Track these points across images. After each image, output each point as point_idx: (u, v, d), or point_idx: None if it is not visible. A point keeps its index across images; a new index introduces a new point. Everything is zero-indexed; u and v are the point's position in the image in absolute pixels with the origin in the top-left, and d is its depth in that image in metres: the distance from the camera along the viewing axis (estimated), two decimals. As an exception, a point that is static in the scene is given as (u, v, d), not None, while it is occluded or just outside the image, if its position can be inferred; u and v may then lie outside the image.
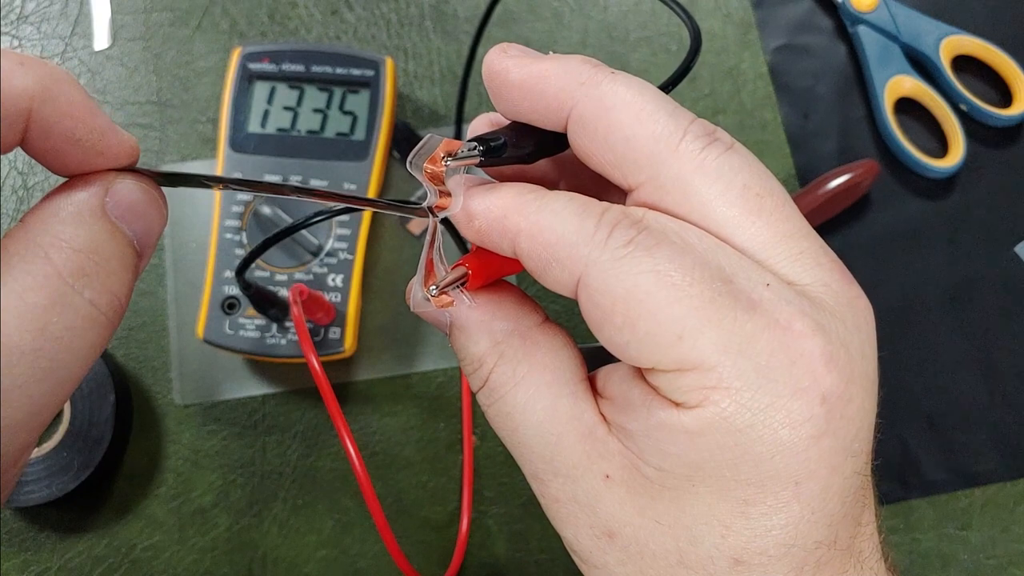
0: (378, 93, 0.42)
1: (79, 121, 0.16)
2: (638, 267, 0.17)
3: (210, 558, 0.40)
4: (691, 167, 0.18)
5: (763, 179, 0.18)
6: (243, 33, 0.47)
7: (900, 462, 0.42)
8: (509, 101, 0.20)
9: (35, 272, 0.15)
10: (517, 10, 0.48)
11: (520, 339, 0.20)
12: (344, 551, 0.40)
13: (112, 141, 0.17)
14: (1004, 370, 0.44)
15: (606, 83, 0.19)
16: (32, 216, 0.16)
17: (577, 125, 0.19)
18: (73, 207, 0.16)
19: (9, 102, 0.15)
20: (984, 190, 0.46)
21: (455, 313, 0.20)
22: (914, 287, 0.45)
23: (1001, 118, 0.46)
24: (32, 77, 0.15)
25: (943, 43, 0.46)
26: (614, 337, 0.17)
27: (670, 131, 0.18)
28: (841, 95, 0.47)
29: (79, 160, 0.16)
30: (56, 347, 0.15)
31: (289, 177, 0.41)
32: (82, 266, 0.16)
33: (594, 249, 0.17)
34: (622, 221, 0.17)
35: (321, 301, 0.39)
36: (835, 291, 0.18)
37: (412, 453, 0.42)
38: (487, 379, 0.20)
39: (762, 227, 0.18)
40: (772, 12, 0.49)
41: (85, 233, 0.16)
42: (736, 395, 0.16)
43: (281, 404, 0.42)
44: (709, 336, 0.16)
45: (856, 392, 0.17)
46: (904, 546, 0.41)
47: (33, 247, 0.16)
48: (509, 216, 0.18)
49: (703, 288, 0.16)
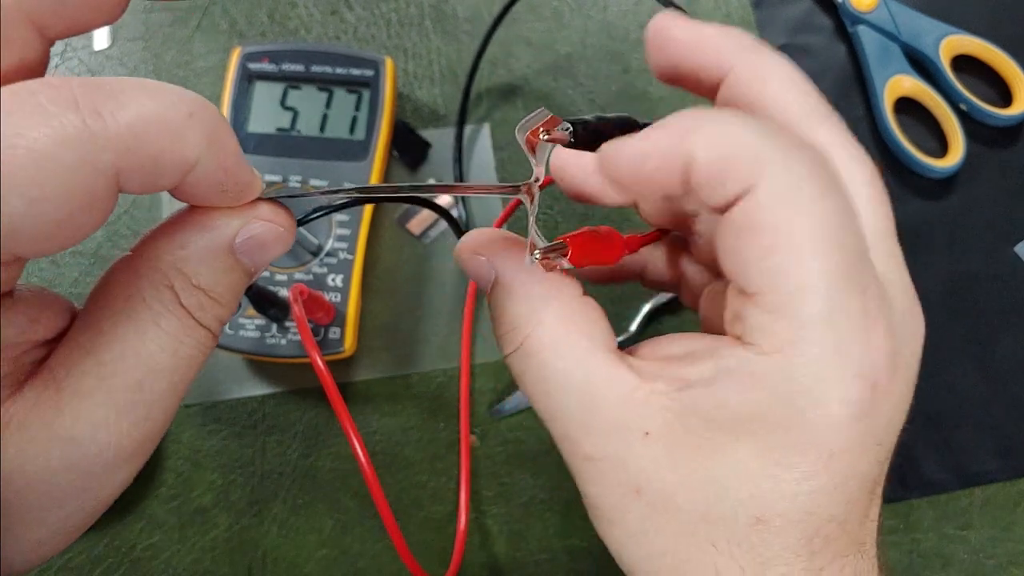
0: (378, 93, 0.42)
1: (230, 175, 0.16)
2: (810, 205, 0.17)
3: (210, 558, 0.40)
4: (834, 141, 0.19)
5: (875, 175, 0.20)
6: (243, 33, 0.47)
7: (900, 462, 0.42)
8: (670, 56, 0.21)
9: (164, 300, 0.17)
10: (518, 9, 0.48)
11: (560, 306, 0.20)
12: (344, 551, 0.41)
13: (255, 188, 0.17)
14: (1004, 370, 0.44)
15: (766, 53, 0.20)
16: (161, 239, 0.17)
17: (731, 87, 0.20)
18: (204, 244, 0.17)
19: (180, 158, 0.15)
20: (984, 190, 0.46)
21: (502, 270, 0.20)
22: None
23: (1001, 118, 0.46)
24: (199, 132, 0.15)
25: (943, 43, 0.46)
26: (744, 251, 0.17)
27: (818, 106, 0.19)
28: (841, 95, 0.47)
29: (221, 202, 0.17)
30: (184, 365, 0.17)
31: (289, 177, 0.41)
32: (202, 302, 0.18)
33: (777, 162, 0.17)
34: (806, 147, 0.18)
35: (321, 301, 0.39)
36: (909, 298, 0.20)
37: (412, 453, 0.42)
38: (522, 342, 0.20)
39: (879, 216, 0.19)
40: (772, 12, 0.49)
41: (207, 271, 0.17)
42: (810, 359, 0.17)
43: (281, 404, 0.42)
44: (819, 300, 0.17)
45: (898, 389, 0.18)
46: (904, 546, 0.41)
47: (160, 276, 0.17)
48: (685, 135, 0.18)
49: (842, 258, 0.17)
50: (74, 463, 0.16)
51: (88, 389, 0.16)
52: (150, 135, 0.14)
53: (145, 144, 0.14)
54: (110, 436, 0.16)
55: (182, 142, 0.15)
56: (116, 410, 0.16)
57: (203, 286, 0.17)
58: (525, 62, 0.47)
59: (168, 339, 0.17)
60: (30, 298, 0.17)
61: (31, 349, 0.17)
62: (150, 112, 0.14)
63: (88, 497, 0.17)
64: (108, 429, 0.16)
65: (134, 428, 0.17)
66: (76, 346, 0.17)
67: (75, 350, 0.16)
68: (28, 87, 0.14)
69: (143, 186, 0.15)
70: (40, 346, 0.17)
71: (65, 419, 0.16)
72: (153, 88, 0.15)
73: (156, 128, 0.14)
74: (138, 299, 0.17)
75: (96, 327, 0.17)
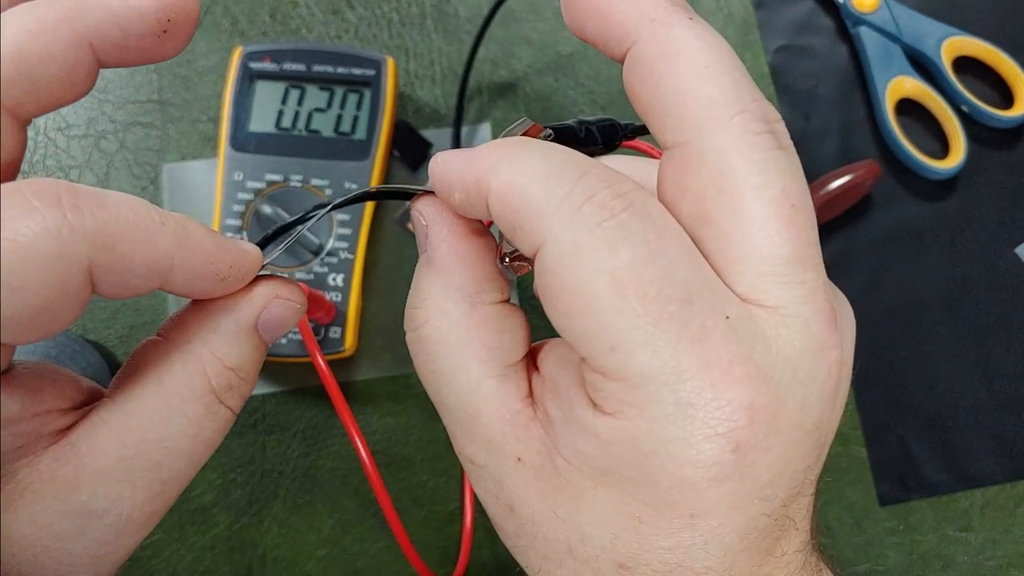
0: (379, 93, 0.42)
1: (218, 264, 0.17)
2: (595, 263, 0.16)
3: (210, 557, 0.40)
4: (737, 147, 0.16)
5: (803, 191, 0.17)
6: (244, 32, 0.47)
7: (900, 462, 0.42)
8: (576, 17, 0.18)
9: (195, 387, 0.18)
10: (518, 9, 0.48)
11: (468, 307, 0.19)
12: (344, 550, 0.41)
13: (249, 264, 0.18)
14: (1004, 371, 0.44)
15: (678, 27, 0.17)
16: (192, 323, 0.18)
17: (634, 62, 0.17)
18: (233, 325, 0.18)
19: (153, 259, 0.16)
20: (985, 191, 0.46)
21: (433, 243, 0.20)
22: (914, 288, 0.45)
23: (1002, 119, 0.46)
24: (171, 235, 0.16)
25: (944, 44, 0.46)
26: (553, 317, 0.17)
27: (728, 100, 0.16)
28: (842, 96, 0.47)
29: (224, 292, 0.18)
30: (203, 447, 0.18)
31: (290, 176, 0.41)
32: (231, 382, 0.18)
33: (558, 222, 0.16)
34: (600, 193, 0.16)
35: (322, 300, 0.39)
36: (811, 333, 0.17)
37: (412, 453, 0.42)
38: (420, 327, 0.20)
39: (782, 239, 0.16)
40: (773, 13, 0.49)
41: (238, 352, 0.18)
42: (650, 420, 0.16)
43: (281, 403, 0.42)
44: (641, 358, 0.15)
45: (778, 443, 0.16)
46: (904, 547, 0.41)
47: (194, 361, 0.18)
48: (481, 177, 0.17)
49: (654, 308, 0.15)
50: (87, 532, 0.17)
51: (109, 469, 0.17)
52: (124, 235, 0.15)
53: (119, 242, 0.15)
54: (123, 509, 0.17)
55: (154, 244, 0.16)
56: (132, 487, 0.17)
57: (234, 367, 0.18)
58: (526, 62, 0.47)
59: (191, 425, 0.18)
60: (29, 373, 0.18)
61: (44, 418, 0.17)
62: (125, 214, 0.15)
63: (102, 563, 0.18)
64: (122, 504, 0.17)
65: (148, 502, 0.18)
66: (102, 424, 0.17)
67: (101, 428, 0.17)
68: (17, 184, 0.15)
69: (117, 285, 0.16)
70: (60, 414, 0.18)
71: (82, 495, 0.17)
72: (130, 199, 0.16)
73: (130, 229, 0.15)
74: (168, 385, 0.18)
75: (123, 408, 0.18)
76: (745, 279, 0.17)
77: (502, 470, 0.19)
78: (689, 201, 0.17)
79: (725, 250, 0.17)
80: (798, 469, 0.17)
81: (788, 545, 0.18)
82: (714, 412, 0.16)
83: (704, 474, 0.16)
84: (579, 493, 0.17)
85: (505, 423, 0.18)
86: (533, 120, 0.19)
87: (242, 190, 0.41)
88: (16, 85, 0.16)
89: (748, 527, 0.17)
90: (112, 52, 0.17)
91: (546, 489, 0.18)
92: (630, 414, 0.16)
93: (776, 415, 0.16)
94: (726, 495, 0.16)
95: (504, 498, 0.19)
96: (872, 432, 0.43)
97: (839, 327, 0.18)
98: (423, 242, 0.20)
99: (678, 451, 0.16)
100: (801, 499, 0.18)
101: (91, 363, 0.39)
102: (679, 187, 0.17)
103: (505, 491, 0.19)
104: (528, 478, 0.18)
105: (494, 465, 0.19)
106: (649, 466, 0.16)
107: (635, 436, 0.16)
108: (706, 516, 0.16)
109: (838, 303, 0.19)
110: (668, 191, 0.18)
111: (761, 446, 0.16)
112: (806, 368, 0.17)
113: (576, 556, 0.18)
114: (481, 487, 0.20)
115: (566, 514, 0.18)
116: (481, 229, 0.20)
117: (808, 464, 0.17)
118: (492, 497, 0.19)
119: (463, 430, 0.19)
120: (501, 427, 0.18)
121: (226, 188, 0.41)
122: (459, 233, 0.19)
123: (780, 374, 0.16)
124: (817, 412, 0.17)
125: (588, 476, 0.17)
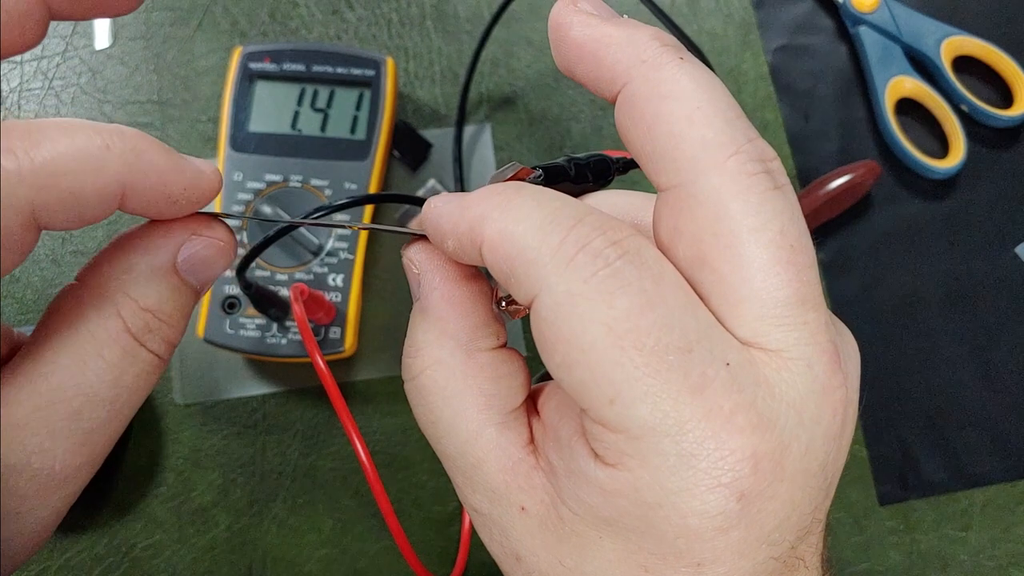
0: (379, 93, 0.42)
1: (170, 184, 0.17)
2: (591, 314, 0.15)
3: (210, 557, 0.40)
4: (733, 189, 0.16)
5: (801, 232, 0.17)
6: (244, 32, 0.47)
7: (900, 462, 0.42)
8: (565, 59, 0.18)
9: (110, 328, 0.17)
10: (519, 10, 0.48)
11: (464, 356, 0.19)
12: (344, 550, 0.41)
13: (204, 186, 0.18)
14: (1004, 370, 0.44)
15: (668, 67, 0.17)
16: (105, 265, 0.18)
17: (626, 104, 0.17)
18: (146, 265, 0.18)
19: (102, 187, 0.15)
20: (985, 191, 0.46)
21: (426, 290, 0.19)
22: (914, 287, 0.45)
23: (1002, 119, 0.46)
24: (119, 160, 0.16)
25: (944, 44, 0.46)
26: (551, 368, 0.16)
27: (722, 141, 0.16)
28: (842, 96, 0.47)
29: (177, 214, 0.18)
30: (126, 394, 0.17)
31: (290, 176, 0.41)
32: (148, 323, 0.18)
33: (552, 272, 0.16)
34: (594, 241, 0.16)
35: (322, 301, 0.39)
36: (814, 375, 0.16)
37: (412, 453, 0.42)
38: (417, 376, 0.20)
39: (782, 281, 0.16)
40: (773, 13, 0.49)
41: (154, 292, 0.18)
42: (653, 471, 0.16)
43: (281, 404, 0.42)
44: (641, 410, 0.15)
45: (783, 489, 0.16)
46: (904, 547, 0.41)
47: (108, 303, 0.17)
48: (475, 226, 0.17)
49: (652, 359, 0.15)
50: (7, 488, 0.16)
51: (23, 419, 0.16)
52: (66, 170, 0.15)
53: (62, 179, 0.15)
54: (43, 462, 0.17)
55: (101, 173, 0.15)
56: (51, 438, 0.17)
57: (151, 308, 0.18)
58: (526, 62, 0.47)
59: (110, 369, 0.17)
60: None
61: None
62: (64, 148, 0.15)
63: (24, 520, 0.17)
64: (42, 456, 0.17)
65: (69, 454, 0.17)
66: (18, 374, 0.17)
67: (17, 378, 0.17)
68: None
69: (67, 220, 0.15)
70: None
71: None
72: (69, 126, 0.15)
73: (71, 163, 0.15)
74: (82, 329, 0.17)
75: (37, 356, 0.17)
76: (745, 323, 0.16)
77: (506, 519, 0.18)
78: (686, 244, 0.17)
79: (724, 294, 0.16)
80: (805, 512, 0.17)
81: None
82: (717, 463, 0.15)
83: (709, 524, 0.16)
84: (584, 543, 0.17)
85: (507, 472, 0.18)
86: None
87: (242, 190, 0.41)
88: None
89: (756, 572, 0.17)
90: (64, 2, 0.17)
91: (551, 539, 0.18)
92: (632, 465, 0.16)
93: (780, 462, 0.16)
94: (733, 543, 0.16)
95: (510, 547, 0.19)
96: (872, 432, 0.43)
97: (843, 365, 0.17)
98: (416, 289, 0.20)
99: (682, 502, 0.16)
100: (810, 538, 0.18)
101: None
102: (675, 230, 0.17)
103: (510, 540, 0.18)
104: (533, 528, 0.18)
105: (498, 514, 0.19)
106: (653, 517, 0.16)
107: (638, 487, 0.16)
108: (712, 564, 0.16)
109: (841, 340, 0.18)
110: (664, 234, 0.17)
111: (766, 493, 0.16)
112: (810, 411, 0.16)
113: None
114: (486, 535, 0.19)
115: (572, 564, 0.17)
116: (475, 274, 0.20)
117: (816, 505, 0.17)
118: (498, 545, 0.19)
119: (465, 479, 0.19)
120: (503, 476, 0.18)
121: (226, 188, 0.41)
122: (452, 280, 0.19)
123: (784, 419, 0.16)
124: (823, 454, 0.17)
125: (593, 526, 0.17)
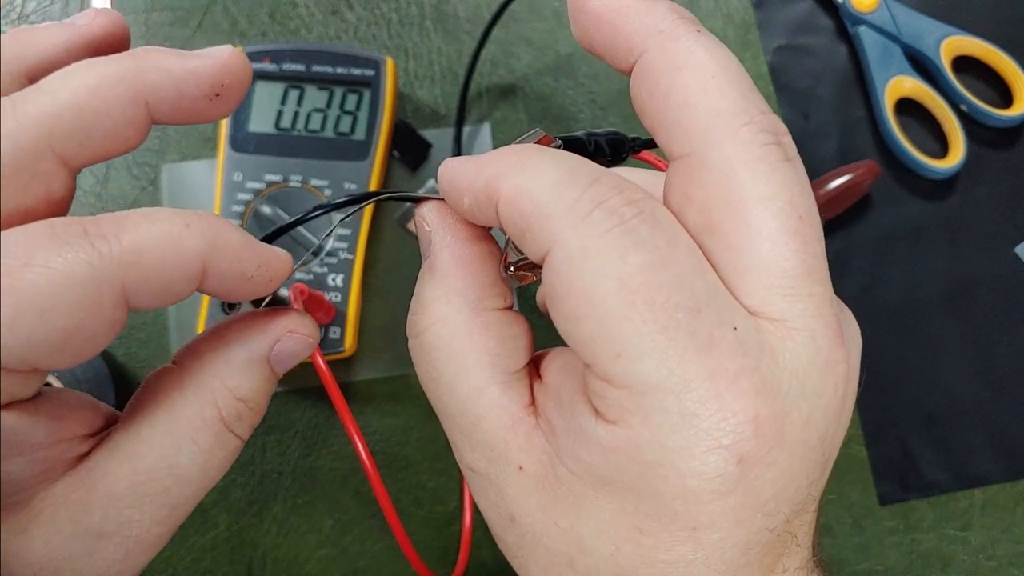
0: (378, 93, 0.42)
1: (246, 261, 0.17)
2: (604, 268, 0.15)
3: (210, 557, 0.40)
4: (744, 158, 0.16)
5: (809, 203, 0.17)
6: (244, 33, 0.47)
7: (900, 462, 0.42)
8: (583, 29, 0.18)
9: (205, 417, 0.18)
10: (518, 9, 0.48)
11: (471, 313, 0.19)
12: (344, 550, 0.40)
13: (277, 264, 0.18)
14: (1004, 370, 0.44)
15: (685, 39, 0.17)
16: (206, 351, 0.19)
17: (641, 74, 0.17)
18: (244, 357, 0.19)
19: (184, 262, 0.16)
20: (984, 191, 0.46)
21: (435, 250, 0.20)
22: (914, 287, 0.45)
23: (1001, 119, 0.46)
24: (198, 236, 0.17)
25: (944, 44, 0.46)
26: (558, 322, 0.17)
27: (735, 111, 0.16)
28: (841, 96, 0.47)
29: (251, 292, 0.18)
30: (212, 473, 0.19)
31: (290, 177, 0.41)
32: (240, 412, 0.19)
33: (567, 227, 0.16)
34: (611, 199, 0.16)
35: (321, 301, 0.39)
36: (817, 347, 0.17)
37: (412, 453, 0.42)
38: (422, 332, 0.20)
39: (790, 251, 0.16)
40: (772, 12, 0.49)
41: (249, 383, 0.19)
42: (654, 429, 0.16)
43: (281, 404, 0.42)
44: (647, 365, 0.15)
45: (782, 457, 0.16)
46: (904, 546, 0.41)
47: (206, 391, 0.18)
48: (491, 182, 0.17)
49: (662, 315, 0.15)
50: (97, 553, 0.18)
51: (121, 493, 0.18)
52: (151, 249, 0.16)
53: (147, 257, 0.16)
54: (132, 531, 0.18)
55: (183, 249, 0.16)
56: (141, 511, 0.18)
57: (244, 398, 0.19)
58: (525, 62, 0.47)
59: (201, 453, 0.18)
60: (53, 400, 0.18)
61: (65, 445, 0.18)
62: (148, 230, 0.16)
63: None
64: (132, 526, 0.18)
65: (156, 525, 0.18)
66: (116, 450, 0.18)
67: (115, 454, 0.18)
68: (48, 221, 0.16)
69: (153, 296, 0.16)
70: (79, 441, 0.18)
71: (94, 518, 0.17)
72: (150, 212, 0.16)
73: (155, 242, 0.16)
74: (180, 415, 0.18)
75: (135, 434, 0.18)
76: (752, 291, 0.16)
77: (503, 479, 0.18)
78: (695, 212, 0.17)
79: (732, 261, 0.17)
80: (802, 485, 0.17)
81: (790, 561, 0.18)
82: (719, 423, 0.15)
83: (707, 486, 0.16)
84: (580, 503, 0.17)
85: (507, 431, 0.18)
86: (538, 125, 0.19)
87: (241, 190, 0.41)
88: (72, 138, 0.17)
89: (750, 542, 0.17)
90: (166, 111, 0.18)
91: (547, 499, 0.18)
92: (633, 422, 0.16)
93: (781, 428, 0.16)
94: (729, 509, 0.16)
95: (505, 507, 0.19)
96: (872, 432, 0.43)
97: (845, 342, 0.17)
98: (426, 248, 0.20)
99: (681, 461, 0.16)
100: (804, 515, 0.18)
101: (91, 363, 0.39)
102: (685, 198, 0.17)
103: (506, 500, 0.18)
104: (529, 487, 0.18)
105: (495, 473, 0.19)
106: (651, 476, 0.16)
107: (638, 445, 0.16)
108: (708, 529, 0.16)
109: (844, 319, 0.18)
110: (674, 201, 0.17)
111: (765, 460, 0.16)
112: (812, 382, 0.16)
113: (576, 568, 0.18)
114: (481, 496, 0.19)
115: (567, 524, 0.17)
116: (484, 235, 0.20)
117: (812, 480, 0.17)
118: (492, 506, 0.19)
119: (464, 437, 0.19)
120: (503, 435, 0.18)
121: (225, 188, 0.41)
122: (462, 239, 0.19)
123: (786, 387, 0.16)
124: (822, 427, 0.17)
125: (590, 485, 0.17)
